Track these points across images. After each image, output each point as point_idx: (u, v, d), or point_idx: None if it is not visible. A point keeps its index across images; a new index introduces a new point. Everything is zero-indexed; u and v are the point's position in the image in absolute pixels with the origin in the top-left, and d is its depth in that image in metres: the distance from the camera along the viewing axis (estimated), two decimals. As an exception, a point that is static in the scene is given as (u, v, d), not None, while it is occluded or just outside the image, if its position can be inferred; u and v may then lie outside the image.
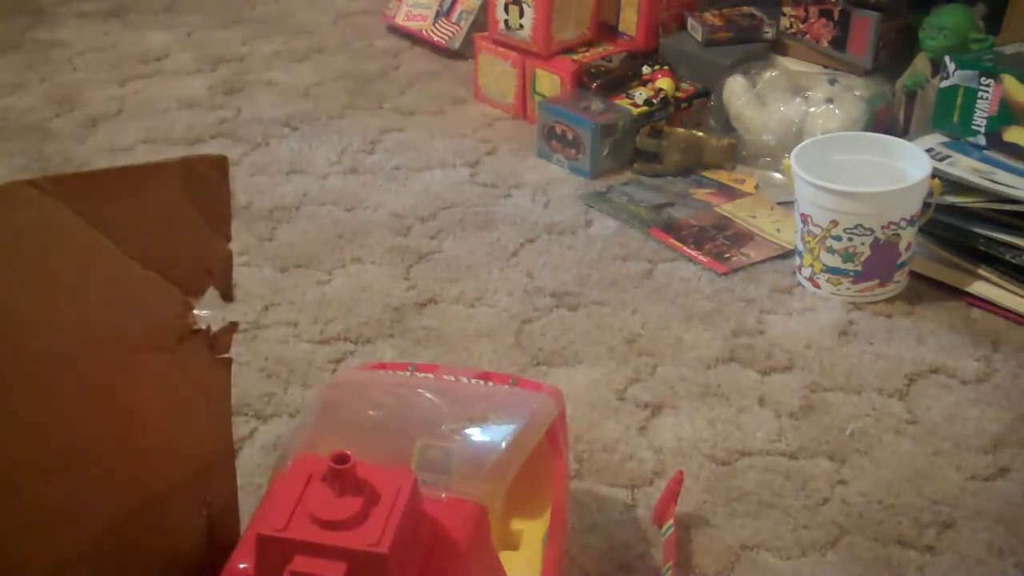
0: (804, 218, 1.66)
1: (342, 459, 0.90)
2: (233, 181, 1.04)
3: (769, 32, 2.12)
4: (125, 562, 1.02)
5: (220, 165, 1.01)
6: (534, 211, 1.89)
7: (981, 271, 1.65)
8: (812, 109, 1.93)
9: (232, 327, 1.05)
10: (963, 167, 1.68)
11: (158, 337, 1.00)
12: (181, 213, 1.00)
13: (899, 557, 1.26)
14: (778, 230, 1.83)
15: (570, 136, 1.99)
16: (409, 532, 0.90)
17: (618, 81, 2.08)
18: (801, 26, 2.08)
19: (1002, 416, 1.45)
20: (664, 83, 2.05)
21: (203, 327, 1.02)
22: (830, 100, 1.93)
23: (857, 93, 1.94)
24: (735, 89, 2.00)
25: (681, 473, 1.29)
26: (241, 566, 0.92)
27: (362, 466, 0.90)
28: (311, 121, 2.19)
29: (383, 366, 1.26)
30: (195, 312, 1.01)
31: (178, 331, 1.01)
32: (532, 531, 1.21)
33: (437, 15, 2.45)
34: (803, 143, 1.73)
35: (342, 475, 0.89)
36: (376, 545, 0.86)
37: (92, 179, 0.96)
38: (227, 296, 1.04)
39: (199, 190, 1.00)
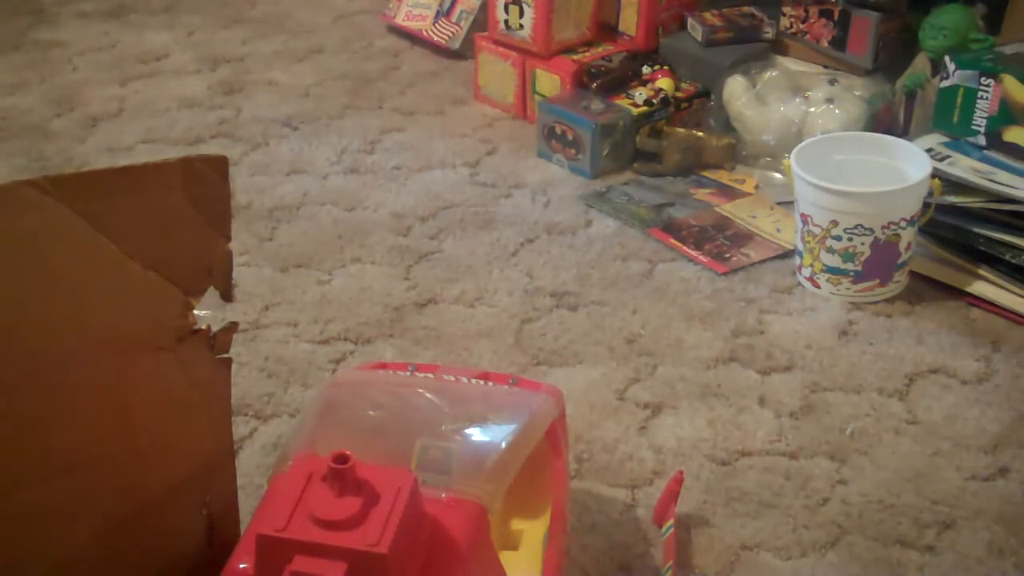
0: (804, 218, 1.66)
1: (342, 459, 0.90)
2: (233, 181, 1.04)
3: (769, 32, 2.12)
4: (125, 562, 1.02)
5: (220, 165, 1.01)
6: (534, 211, 1.89)
7: (981, 271, 1.65)
8: (812, 109, 1.93)
9: (232, 327, 1.05)
10: (963, 167, 1.68)
11: (158, 337, 1.00)
12: (181, 213, 1.00)
13: (899, 557, 1.26)
14: (778, 230, 1.83)
15: (570, 136, 1.99)
16: (409, 532, 0.90)
17: (618, 81, 2.08)
18: (801, 26, 2.08)
19: (1002, 416, 1.45)
20: (664, 83, 2.05)
21: (203, 327, 1.02)
22: (830, 100, 1.93)
23: (857, 93, 1.94)
24: (735, 89, 2.00)
25: (681, 473, 1.29)
26: (241, 566, 0.92)
27: (362, 466, 0.90)
28: (311, 121, 2.19)
29: (383, 366, 1.26)
30: (195, 312, 1.01)
31: (178, 331, 1.01)
32: (532, 531, 1.21)
33: (437, 15, 2.45)
34: (803, 143, 1.73)
35: (342, 475, 0.89)
36: (376, 545, 0.86)
37: (92, 179, 0.96)
38: (227, 296, 1.04)
39: (199, 190, 1.00)
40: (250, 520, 0.98)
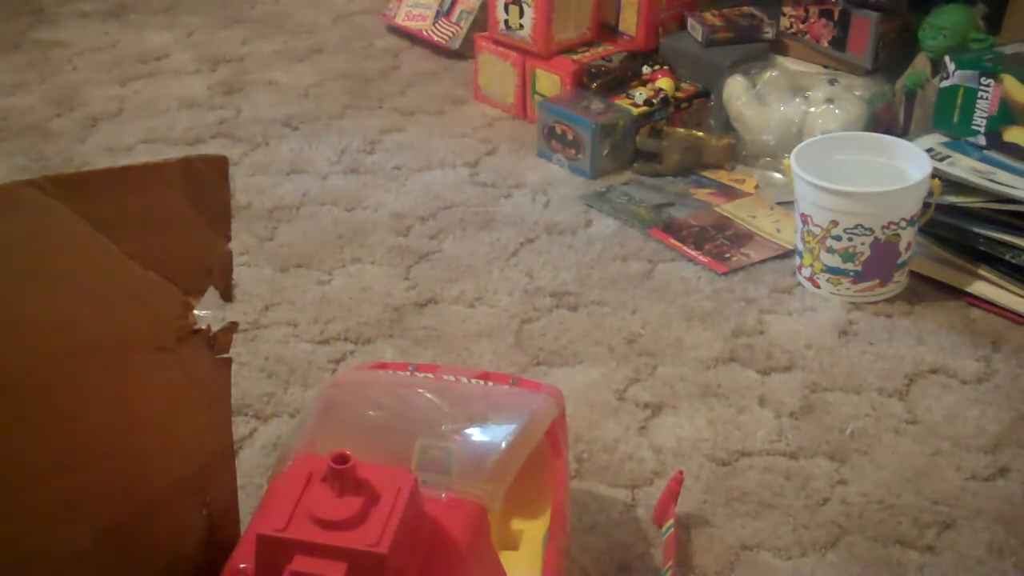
0: (804, 218, 1.66)
1: (342, 459, 0.90)
2: (233, 181, 1.04)
3: (769, 32, 2.12)
4: (125, 562, 1.02)
5: (220, 165, 1.01)
6: (534, 211, 1.89)
7: (981, 271, 1.65)
8: (812, 109, 1.93)
9: (232, 327, 1.05)
10: (963, 167, 1.68)
11: (158, 337, 1.00)
12: (181, 213, 1.00)
13: (899, 557, 1.26)
14: (778, 230, 1.83)
15: (570, 136, 1.99)
16: (409, 532, 0.90)
17: (618, 81, 2.08)
18: (801, 26, 2.08)
19: (1002, 416, 1.45)
20: (664, 83, 2.05)
21: (203, 327, 1.02)
22: (830, 100, 1.93)
23: (857, 93, 1.94)
24: (735, 89, 2.00)
25: (681, 473, 1.29)
26: (241, 566, 0.92)
27: (362, 466, 0.90)
28: (311, 121, 2.19)
29: (383, 366, 1.26)
30: (195, 312, 1.01)
31: (178, 331, 1.01)
32: (532, 531, 1.21)
33: (437, 15, 2.45)
34: (803, 143, 1.73)
35: (342, 475, 0.89)
36: (376, 545, 0.86)
37: (92, 179, 0.96)
38: (227, 296, 1.04)
39: (199, 190, 1.00)
40: (250, 520, 0.98)
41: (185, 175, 0.99)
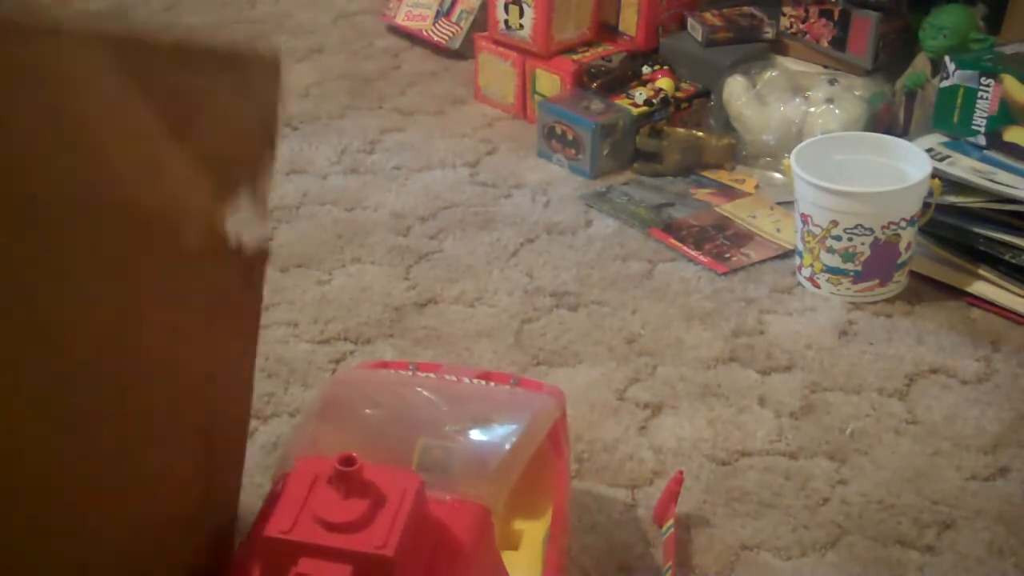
0: (804, 218, 1.66)
1: (349, 461, 0.90)
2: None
3: (769, 32, 2.12)
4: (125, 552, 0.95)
5: (272, 63, 0.88)
6: (534, 211, 1.89)
7: (981, 271, 1.65)
8: (812, 109, 1.94)
9: (265, 253, 0.92)
10: (963, 167, 1.68)
11: (178, 220, 0.85)
12: (225, 102, 0.88)
13: (899, 557, 1.26)
14: (778, 230, 1.83)
15: (570, 136, 2.00)
16: (415, 535, 0.90)
17: (618, 81, 2.08)
18: (801, 26, 2.08)
19: (1002, 416, 1.46)
20: (664, 83, 2.05)
21: (233, 244, 0.90)
22: (830, 100, 1.93)
23: (857, 93, 1.94)
24: (735, 89, 2.00)
25: (681, 473, 1.30)
26: (246, 568, 0.92)
27: (368, 468, 0.90)
28: (311, 121, 2.19)
29: (384, 365, 1.26)
30: (227, 223, 0.89)
31: (202, 228, 0.87)
32: (533, 531, 1.21)
33: (437, 15, 2.45)
34: (803, 143, 1.73)
35: (348, 477, 0.89)
36: (382, 548, 0.86)
37: (138, 41, 0.83)
38: (262, 212, 0.92)
39: (248, 84, 0.88)
40: (254, 521, 0.98)
41: (234, 63, 0.88)
